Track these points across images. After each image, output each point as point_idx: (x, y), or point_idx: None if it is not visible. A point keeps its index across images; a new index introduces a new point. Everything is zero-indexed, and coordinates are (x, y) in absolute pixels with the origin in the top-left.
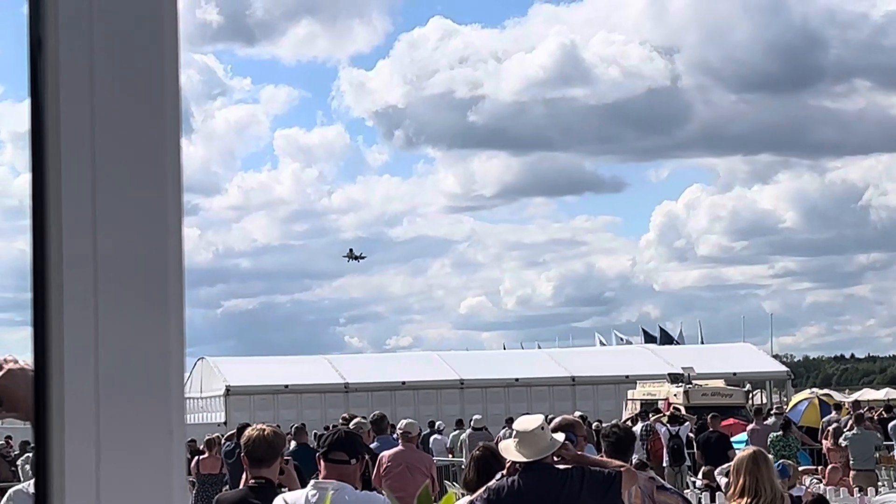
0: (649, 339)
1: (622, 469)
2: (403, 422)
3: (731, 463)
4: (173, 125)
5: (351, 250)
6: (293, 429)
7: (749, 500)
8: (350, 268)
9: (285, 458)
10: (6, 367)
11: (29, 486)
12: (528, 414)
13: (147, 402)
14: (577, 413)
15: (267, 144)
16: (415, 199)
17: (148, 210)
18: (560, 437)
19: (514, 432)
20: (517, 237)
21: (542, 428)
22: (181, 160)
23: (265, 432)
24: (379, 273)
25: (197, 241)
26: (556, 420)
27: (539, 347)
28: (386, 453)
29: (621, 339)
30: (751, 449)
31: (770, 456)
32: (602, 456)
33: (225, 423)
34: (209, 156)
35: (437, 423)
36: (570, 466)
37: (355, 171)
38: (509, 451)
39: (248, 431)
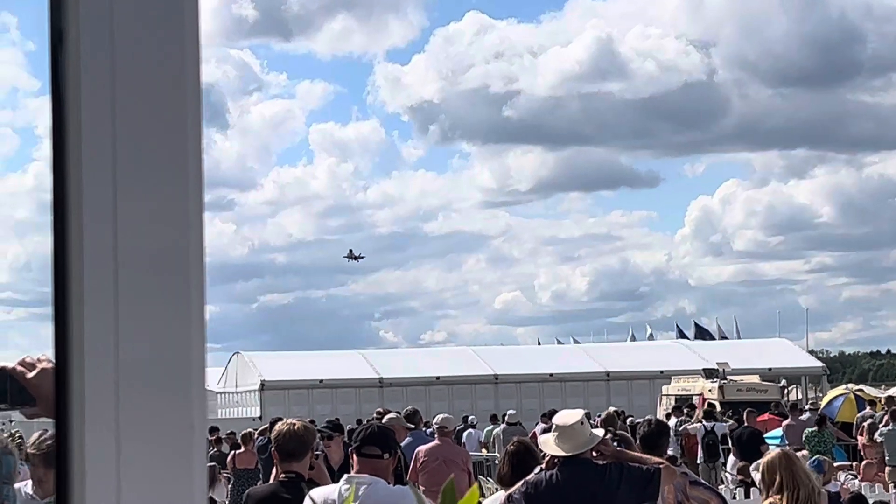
0: (683, 336)
1: (661, 466)
2: (439, 416)
3: (760, 462)
4: (195, 118)
5: (350, 251)
6: (327, 422)
7: (788, 495)
8: (385, 262)
9: (315, 453)
10: (40, 365)
11: (25, 485)
12: (562, 409)
13: (168, 396)
14: (612, 408)
15: (302, 139)
16: (450, 194)
17: (169, 203)
18: (600, 432)
19: (554, 426)
20: (552, 232)
21: (582, 423)
22: (202, 153)
23: (295, 426)
24: (414, 268)
25: (232, 237)
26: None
27: (575, 342)
28: (422, 448)
29: (653, 335)
30: (777, 450)
31: (804, 452)
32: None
33: (260, 417)
34: (245, 151)
35: (471, 418)
36: (608, 462)
37: (390, 166)
38: (548, 445)
39: (278, 426)
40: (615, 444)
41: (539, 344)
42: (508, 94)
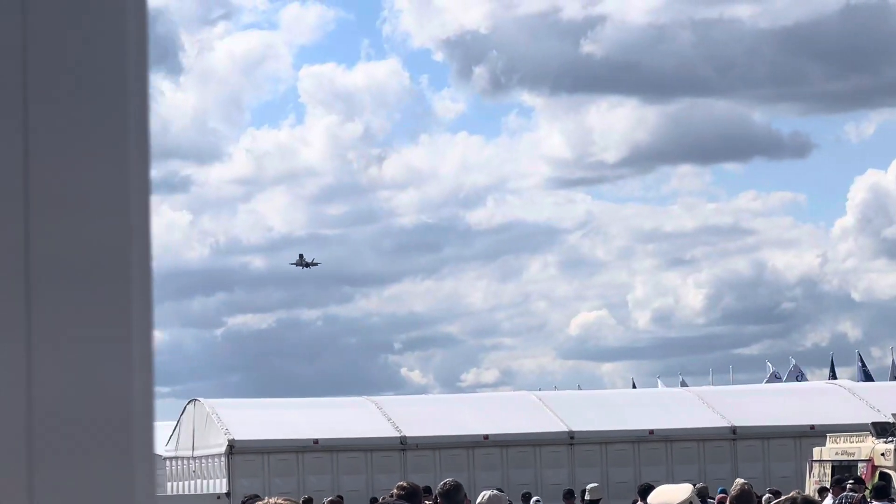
0: (838, 375)
1: None
2: (486, 494)
3: None
4: (140, 59)
5: (301, 256)
6: (326, 503)
7: None
8: (410, 268)
9: None
10: None
11: None
12: (665, 482)
13: (100, 465)
14: (740, 481)
15: (289, 89)
16: (504, 169)
17: (100, 183)
18: None
19: None
20: (653, 223)
21: (691, 502)
22: (148, 109)
23: None
24: (452, 276)
25: (187, 231)
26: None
27: (684, 384)
28: None
29: (802, 374)
30: None
31: None
32: None
33: (227, 493)
34: (205, 106)
35: (534, 500)
36: None
37: (417, 128)
38: None
39: None
40: None
41: (634, 387)
42: (589, 22)
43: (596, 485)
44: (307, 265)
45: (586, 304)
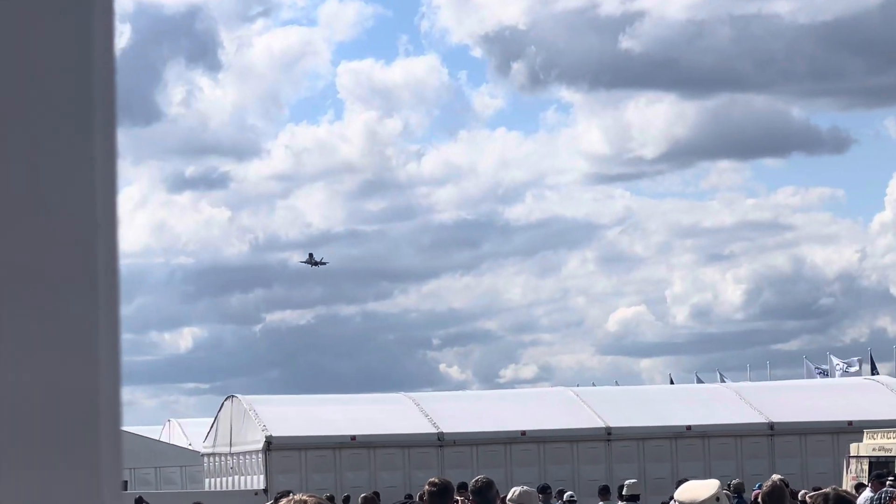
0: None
1: None
2: (516, 490)
3: None
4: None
5: (311, 255)
6: (362, 500)
7: None
8: (448, 264)
9: None
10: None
11: None
12: (704, 477)
13: (65, 470)
14: (776, 477)
15: (327, 85)
16: (543, 164)
17: (66, 181)
18: None
19: None
20: (692, 219)
21: (717, 499)
22: (115, 108)
23: None
24: (491, 272)
25: (226, 227)
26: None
27: (723, 380)
28: None
29: (843, 369)
30: None
31: None
32: None
33: (265, 490)
34: (244, 102)
35: (567, 494)
36: None
37: (456, 124)
38: None
39: None
40: None
41: (672, 383)
42: (627, 18)
43: (634, 481)
44: (316, 264)
45: (625, 300)
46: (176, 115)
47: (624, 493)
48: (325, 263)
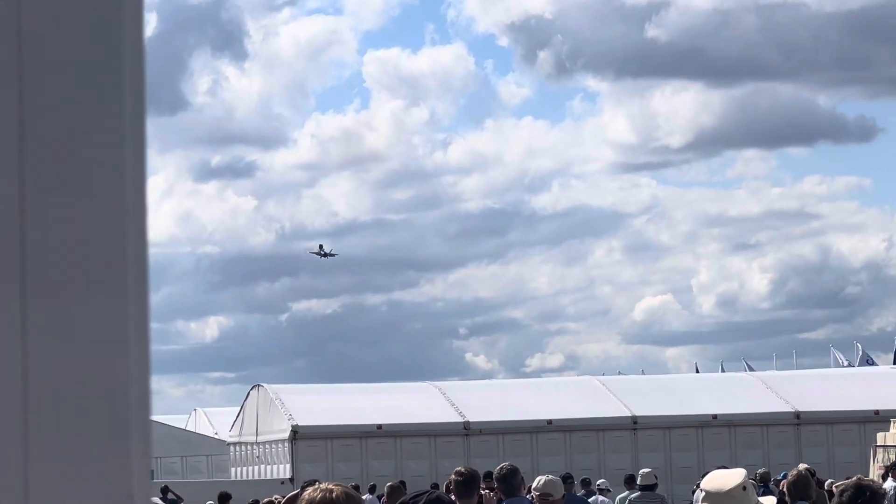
0: None
1: None
2: (541, 479)
3: None
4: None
5: (321, 246)
6: (388, 488)
7: None
8: (475, 253)
9: None
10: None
11: None
12: (730, 466)
13: (94, 455)
14: (802, 466)
15: (354, 74)
16: (569, 153)
17: (97, 173)
18: (770, 501)
19: (704, 493)
20: (719, 208)
21: (744, 488)
22: (144, 83)
23: (333, 494)
24: (517, 261)
25: (252, 216)
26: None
27: (749, 369)
28: None
29: (869, 359)
30: None
31: None
32: None
33: (291, 479)
34: (270, 91)
35: (600, 482)
36: None
37: (482, 112)
38: None
39: (307, 493)
40: None
41: (697, 371)
42: (653, 6)
43: (648, 470)
44: (325, 255)
45: (651, 289)
46: (202, 104)
47: (639, 482)
48: (334, 255)
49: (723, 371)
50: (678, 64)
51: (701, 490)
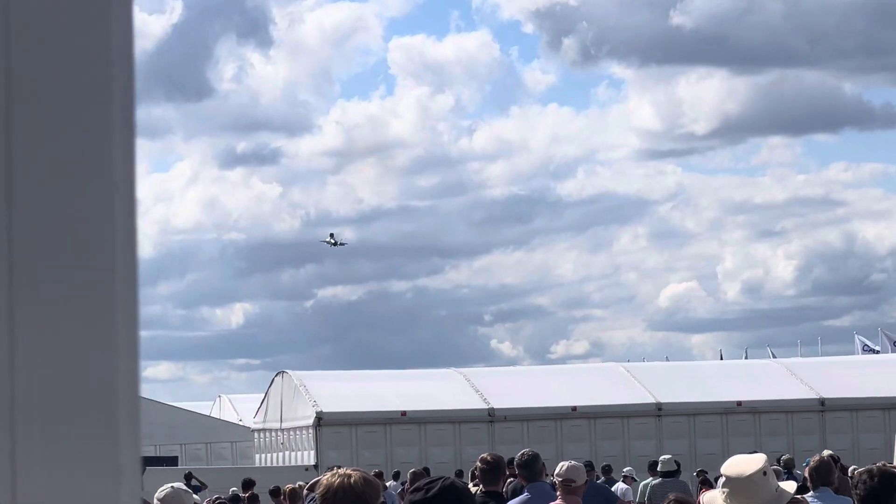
0: None
1: None
2: (563, 465)
3: None
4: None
5: (332, 235)
6: (411, 475)
7: None
8: (500, 240)
9: None
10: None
11: None
12: (755, 452)
13: (84, 437)
14: (827, 452)
15: (379, 61)
16: (594, 140)
17: (85, 167)
18: (790, 486)
19: (724, 479)
20: (744, 195)
21: (765, 473)
22: (133, 71)
23: (351, 479)
24: (542, 248)
25: (277, 203)
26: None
27: (773, 356)
28: None
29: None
30: None
31: None
32: None
33: (315, 466)
34: (295, 78)
35: (626, 469)
36: None
37: (507, 99)
38: None
39: (325, 478)
40: None
41: (722, 358)
42: None
43: (669, 457)
44: (336, 244)
45: (676, 276)
46: (227, 91)
47: (659, 469)
48: (344, 244)
49: (747, 358)
50: (703, 51)
51: (722, 476)
